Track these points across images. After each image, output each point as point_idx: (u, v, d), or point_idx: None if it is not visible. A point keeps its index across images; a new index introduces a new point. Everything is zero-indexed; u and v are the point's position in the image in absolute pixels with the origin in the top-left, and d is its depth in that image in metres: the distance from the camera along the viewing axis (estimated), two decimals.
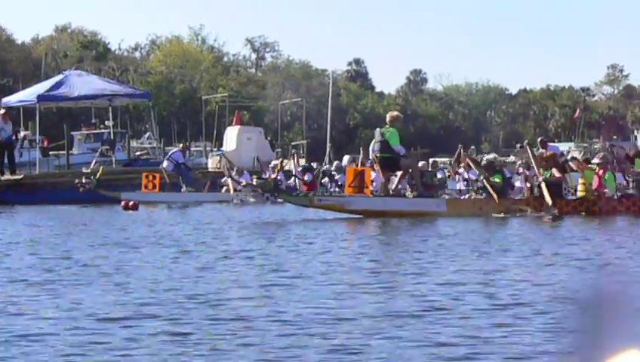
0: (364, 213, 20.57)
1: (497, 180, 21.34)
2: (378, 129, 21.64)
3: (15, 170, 32.94)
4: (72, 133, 56.21)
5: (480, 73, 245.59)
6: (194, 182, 31.45)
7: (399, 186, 21.39)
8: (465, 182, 27.32)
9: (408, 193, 21.35)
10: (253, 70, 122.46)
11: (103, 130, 59.30)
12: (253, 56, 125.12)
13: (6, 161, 32.42)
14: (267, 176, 24.74)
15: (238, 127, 42.09)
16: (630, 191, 22.03)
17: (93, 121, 61.68)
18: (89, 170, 32.46)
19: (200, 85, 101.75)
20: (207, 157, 47.61)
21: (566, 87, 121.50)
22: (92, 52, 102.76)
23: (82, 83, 33.85)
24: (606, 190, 21.48)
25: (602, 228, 17.66)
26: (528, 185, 22.44)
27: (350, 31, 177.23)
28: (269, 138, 63.45)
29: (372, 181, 22.28)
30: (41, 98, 33.55)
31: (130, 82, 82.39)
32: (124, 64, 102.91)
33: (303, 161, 40.68)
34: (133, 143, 57.71)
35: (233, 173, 31.87)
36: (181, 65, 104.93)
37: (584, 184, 21.40)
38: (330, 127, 74.22)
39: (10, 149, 32.67)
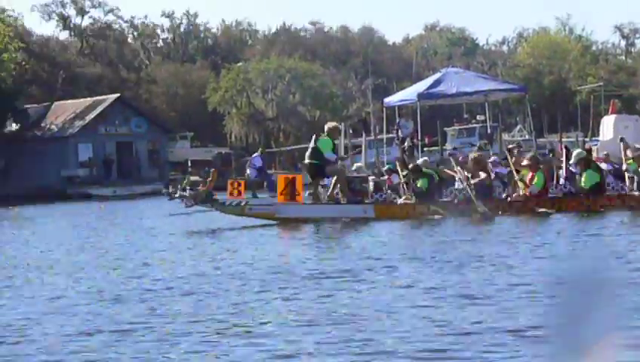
0: (294, 220, 20.91)
1: (419, 185, 21.49)
2: (314, 136, 22.26)
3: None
4: (445, 128, 57.80)
5: None
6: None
7: (335, 192, 21.59)
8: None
9: (341, 199, 21.60)
10: (623, 57, 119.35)
11: (475, 125, 60.49)
12: (623, 43, 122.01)
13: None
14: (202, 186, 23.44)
15: (614, 115, 41.44)
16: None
17: (465, 116, 62.97)
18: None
19: (569, 75, 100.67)
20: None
21: None
22: (461, 48, 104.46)
23: (460, 80, 34.72)
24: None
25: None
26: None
27: None
28: None
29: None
30: (421, 96, 34.76)
31: (498, 76, 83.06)
32: (493, 58, 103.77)
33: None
34: (505, 136, 58.34)
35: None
36: (549, 57, 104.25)
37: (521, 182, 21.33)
38: None
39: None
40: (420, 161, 23.26)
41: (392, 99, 37.86)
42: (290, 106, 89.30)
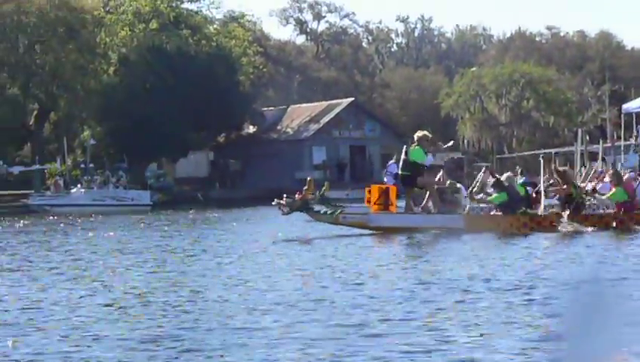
0: (386, 229, 21.32)
1: (495, 200, 21.63)
2: (405, 146, 22.85)
3: None
4: None
5: None
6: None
7: (428, 203, 21.95)
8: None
9: (433, 209, 21.99)
10: None
11: None
12: None
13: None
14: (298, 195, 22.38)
15: None
16: None
17: None
18: None
19: None
20: None
21: None
22: None
23: None
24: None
25: None
26: None
27: None
28: None
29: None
30: None
31: None
32: None
33: None
34: None
35: None
36: None
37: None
38: None
39: None
40: (503, 177, 23.02)
41: (631, 106, 37.06)
42: (523, 112, 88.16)
